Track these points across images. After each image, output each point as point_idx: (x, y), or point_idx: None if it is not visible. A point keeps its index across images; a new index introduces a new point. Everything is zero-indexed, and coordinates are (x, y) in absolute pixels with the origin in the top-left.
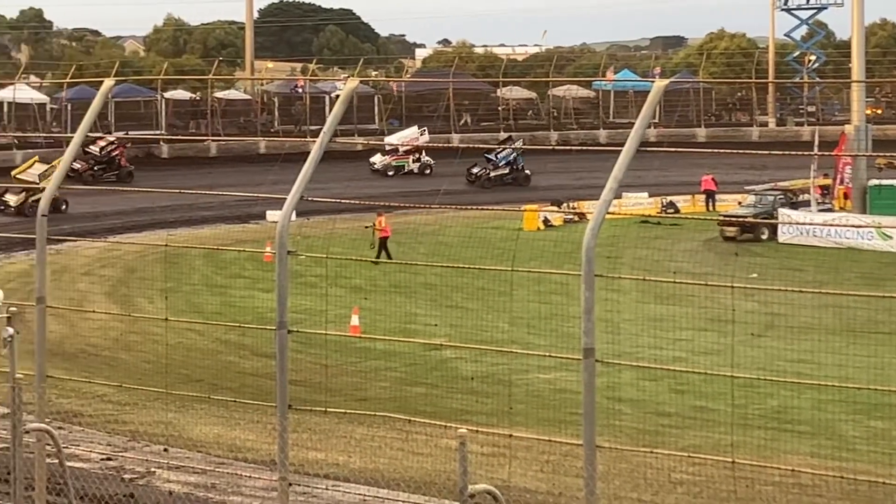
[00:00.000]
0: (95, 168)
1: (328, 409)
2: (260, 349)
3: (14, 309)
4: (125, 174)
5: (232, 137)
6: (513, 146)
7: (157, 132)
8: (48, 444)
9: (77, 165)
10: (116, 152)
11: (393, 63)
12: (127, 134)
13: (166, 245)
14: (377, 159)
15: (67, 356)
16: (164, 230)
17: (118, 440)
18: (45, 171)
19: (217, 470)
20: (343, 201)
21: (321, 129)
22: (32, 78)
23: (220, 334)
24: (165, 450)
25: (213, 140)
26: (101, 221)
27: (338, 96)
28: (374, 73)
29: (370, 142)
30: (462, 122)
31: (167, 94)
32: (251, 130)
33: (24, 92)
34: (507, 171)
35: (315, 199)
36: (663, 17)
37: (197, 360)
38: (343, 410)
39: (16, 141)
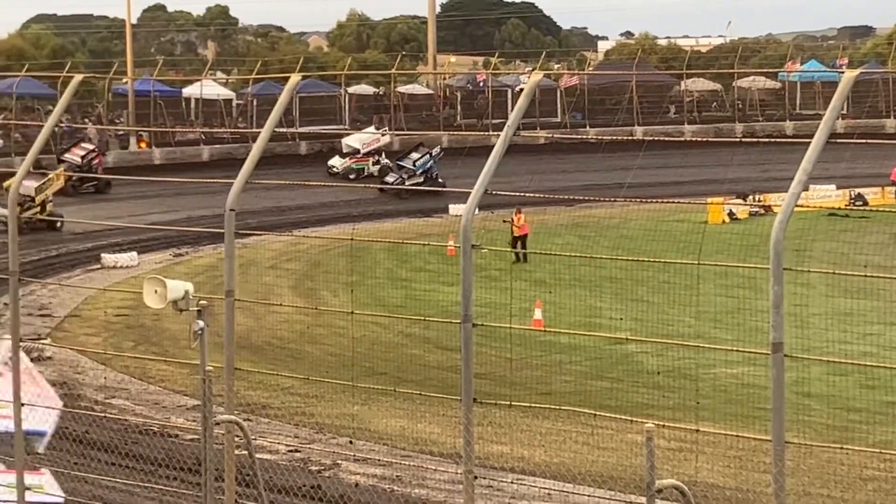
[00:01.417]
0: (74, 178)
1: (512, 403)
2: (444, 342)
3: (204, 302)
4: (103, 185)
5: (415, 132)
6: (430, 152)
7: (341, 127)
8: (237, 436)
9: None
10: (95, 161)
11: (575, 56)
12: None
13: (351, 239)
14: (337, 162)
15: (255, 349)
16: (349, 224)
17: (304, 432)
18: (42, 184)
19: (402, 462)
20: (526, 195)
21: (504, 122)
22: (219, 74)
23: (403, 327)
24: (351, 442)
25: (395, 134)
26: (286, 216)
27: (520, 90)
28: (556, 66)
29: (553, 135)
30: (664, 112)
31: (350, 90)
32: (433, 125)
33: (210, 88)
34: (421, 179)
35: (498, 192)
36: (851, 6)
37: (381, 353)
38: (527, 404)
39: (203, 136)
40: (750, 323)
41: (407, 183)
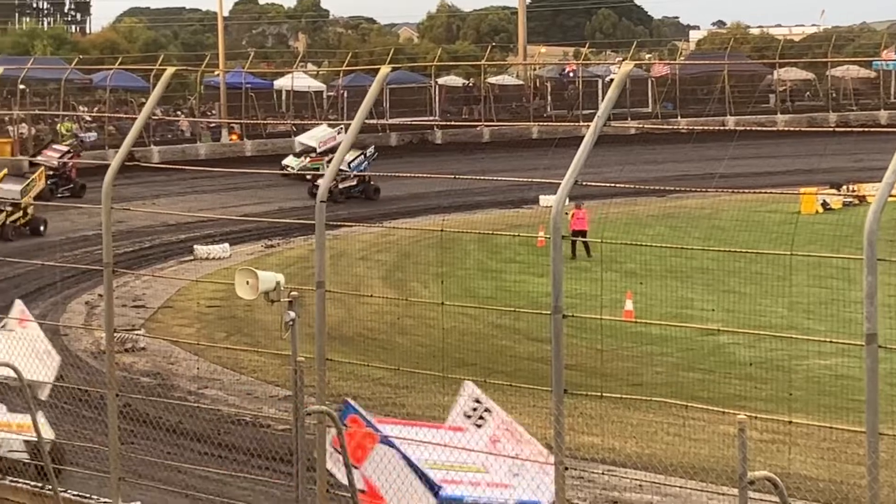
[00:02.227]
0: (49, 182)
1: (603, 394)
2: (534, 333)
3: (295, 293)
4: (79, 188)
5: (505, 123)
6: (364, 152)
7: (431, 118)
8: (329, 426)
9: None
10: (70, 163)
11: (666, 45)
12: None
13: (441, 230)
14: (292, 162)
15: (345, 339)
16: (439, 215)
17: None
18: (26, 186)
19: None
20: (616, 185)
21: (594, 113)
22: (309, 66)
23: (493, 318)
24: None
25: (486, 125)
26: (376, 207)
27: (611, 80)
28: (647, 56)
29: (644, 125)
30: (758, 102)
31: (440, 81)
32: (524, 115)
33: (301, 80)
34: (355, 182)
35: (588, 183)
36: None
37: (471, 344)
38: (618, 395)
39: (294, 128)
40: (843, 314)
41: (340, 186)
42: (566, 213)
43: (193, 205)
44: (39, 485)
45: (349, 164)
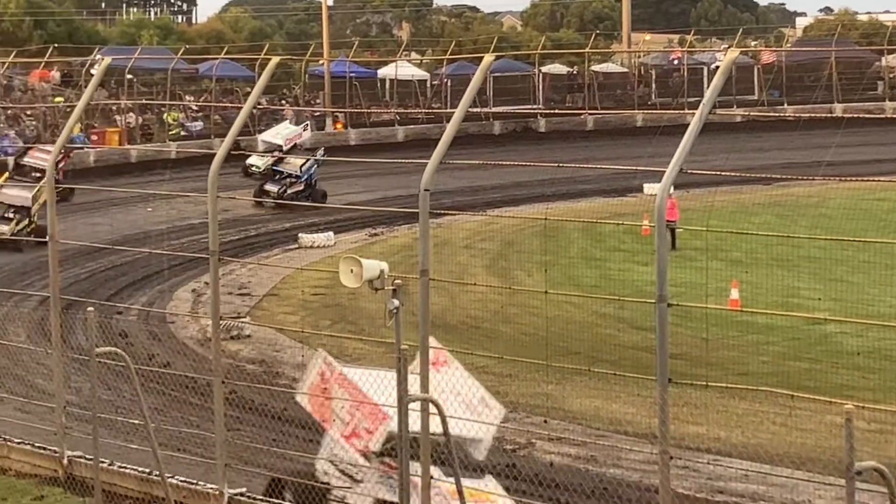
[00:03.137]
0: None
1: (708, 384)
2: (638, 322)
3: (399, 282)
4: (67, 192)
5: (609, 111)
6: (314, 155)
7: (535, 106)
8: (432, 414)
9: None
10: (62, 164)
11: (772, 32)
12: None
13: (545, 218)
14: (258, 161)
15: (449, 328)
16: (542, 204)
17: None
18: (36, 192)
19: (597, 442)
20: (722, 174)
21: (699, 100)
22: (413, 55)
23: (597, 307)
24: (545, 421)
25: (590, 113)
26: (479, 195)
27: (716, 68)
28: (753, 43)
29: (750, 113)
30: (894, 89)
31: (544, 69)
32: (628, 103)
33: (405, 69)
34: (301, 187)
35: (694, 171)
36: None
37: (575, 332)
38: (724, 385)
39: (397, 117)
40: None
41: (289, 192)
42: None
43: None
44: (146, 470)
45: (300, 168)
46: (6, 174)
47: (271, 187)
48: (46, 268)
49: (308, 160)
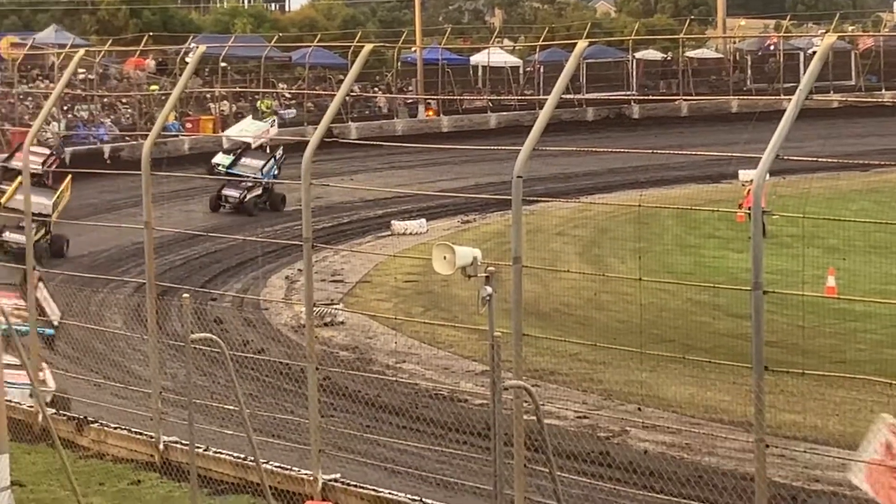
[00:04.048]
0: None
1: (805, 372)
2: (733, 310)
3: (492, 269)
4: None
5: (703, 97)
6: (274, 155)
7: (628, 93)
8: (525, 401)
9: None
10: (54, 166)
11: (870, 17)
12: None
13: (639, 205)
14: (223, 160)
15: (542, 315)
16: (636, 190)
17: (592, 398)
18: (57, 198)
19: (691, 430)
20: (819, 160)
21: (795, 86)
22: (506, 42)
23: (692, 294)
24: (639, 409)
25: (684, 99)
26: (572, 182)
27: (813, 53)
28: (850, 28)
29: (847, 98)
30: None
31: (638, 55)
32: (723, 89)
33: (497, 55)
34: (259, 192)
35: (790, 157)
36: None
37: (669, 320)
38: (820, 373)
39: (490, 104)
40: None
41: (249, 197)
42: (743, 185)
43: (390, 180)
44: (241, 456)
45: (261, 170)
46: (18, 180)
47: (231, 192)
48: (142, 254)
49: (269, 161)
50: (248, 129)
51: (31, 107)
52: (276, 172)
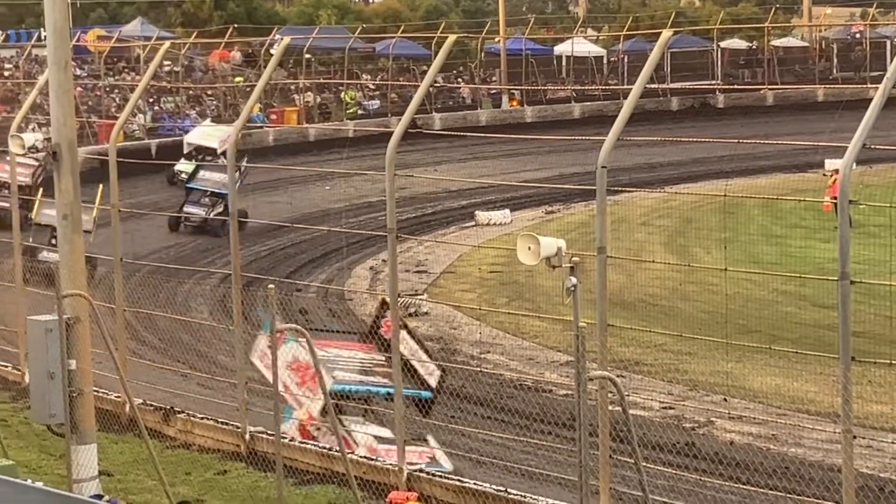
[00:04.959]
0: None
1: (892, 362)
2: (820, 300)
3: (576, 259)
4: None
5: (789, 86)
6: (240, 167)
7: (713, 82)
8: (610, 392)
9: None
10: (40, 179)
11: None
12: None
13: (724, 195)
14: (186, 168)
15: (626, 305)
16: (721, 180)
17: (677, 389)
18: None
19: (777, 421)
20: None
21: (882, 75)
22: (589, 31)
23: (778, 284)
24: (725, 400)
25: (769, 89)
26: (657, 172)
27: None
28: None
29: None
30: None
31: (723, 44)
32: (809, 78)
33: (581, 45)
34: (221, 209)
35: (877, 146)
36: None
37: (755, 310)
38: None
39: (573, 94)
40: None
41: (213, 214)
42: (825, 175)
43: (474, 171)
44: (327, 446)
45: (224, 184)
46: (40, 191)
47: (194, 209)
48: (228, 246)
49: (241, 169)
50: (211, 134)
51: (118, 99)
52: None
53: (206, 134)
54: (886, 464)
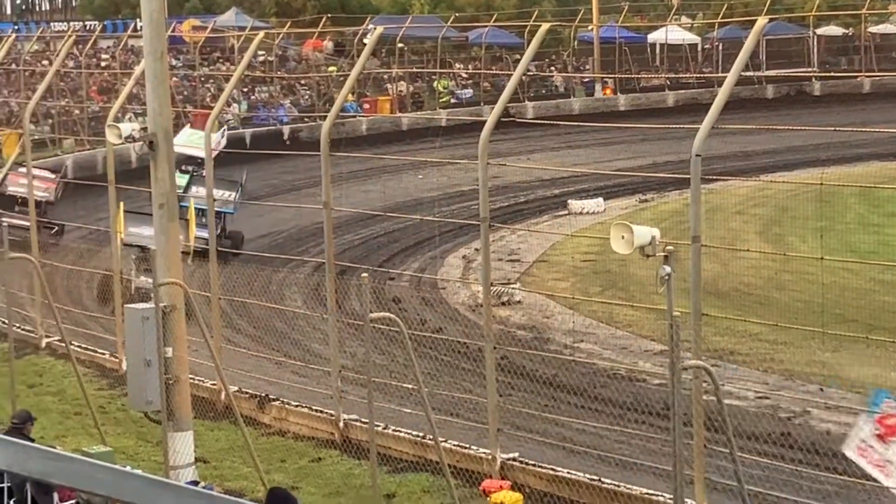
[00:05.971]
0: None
1: None
2: None
3: (670, 248)
4: (59, 229)
5: (887, 73)
6: (241, 183)
7: (809, 69)
8: (705, 381)
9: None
10: (60, 192)
11: None
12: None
13: (820, 183)
14: (180, 181)
15: (721, 294)
16: (817, 168)
17: (773, 379)
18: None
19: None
20: None
21: None
22: (683, 19)
23: (875, 274)
24: (821, 389)
25: (866, 76)
26: (752, 160)
27: None
28: None
29: None
30: None
31: (819, 31)
32: None
33: (675, 33)
34: (218, 231)
35: None
36: None
37: (851, 299)
38: None
39: (667, 82)
40: None
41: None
42: None
43: (567, 160)
44: (420, 434)
45: (224, 203)
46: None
47: (201, 233)
48: (321, 234)
49: (237, 191)
50: (195, 144)
51: (213, 89)
52: (239, 201)
53: (191, 143)
54: None
